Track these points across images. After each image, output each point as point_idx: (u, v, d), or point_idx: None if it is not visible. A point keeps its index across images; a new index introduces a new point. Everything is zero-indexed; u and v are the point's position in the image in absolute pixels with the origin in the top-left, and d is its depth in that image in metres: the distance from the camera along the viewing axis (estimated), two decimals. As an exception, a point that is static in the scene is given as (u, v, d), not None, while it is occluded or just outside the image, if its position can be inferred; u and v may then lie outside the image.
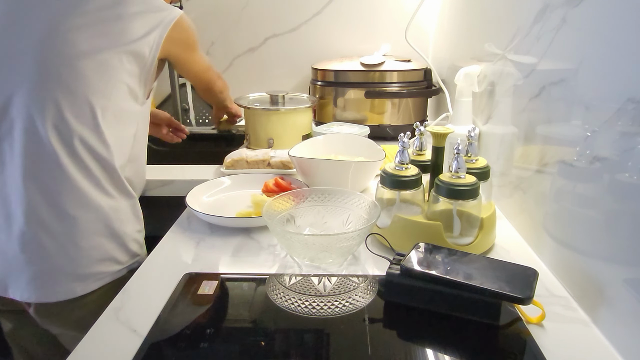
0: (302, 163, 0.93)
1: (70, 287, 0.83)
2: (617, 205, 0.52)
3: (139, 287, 0.65)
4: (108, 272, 0.86)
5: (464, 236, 0.69)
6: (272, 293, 0.62)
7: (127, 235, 0.89)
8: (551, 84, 0.67)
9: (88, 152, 0.82)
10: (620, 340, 0.51)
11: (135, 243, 0.91)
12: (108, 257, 0.86)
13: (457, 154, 0.67)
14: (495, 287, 0.53)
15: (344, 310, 0.57)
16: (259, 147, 1.20)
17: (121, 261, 0.88)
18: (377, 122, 1.35)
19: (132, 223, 0.91)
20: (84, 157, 0.81)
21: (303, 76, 1.66)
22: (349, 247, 0.68)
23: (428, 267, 0.58)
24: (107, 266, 0.86)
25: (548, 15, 0.68)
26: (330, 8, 1.58)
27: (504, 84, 0.86)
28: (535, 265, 0.62)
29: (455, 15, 1.30)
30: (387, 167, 0.73)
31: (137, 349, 0.51)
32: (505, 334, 0.54)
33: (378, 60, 1.33)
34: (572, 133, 0.61)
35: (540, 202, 0.70)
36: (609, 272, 0.53)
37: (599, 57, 0.56)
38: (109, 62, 0.81)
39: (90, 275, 0.84)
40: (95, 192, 0.83)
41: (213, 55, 1.66)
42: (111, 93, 0.83)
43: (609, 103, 0.53)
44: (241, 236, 0.79)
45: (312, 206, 0.78)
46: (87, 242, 0.83)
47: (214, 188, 0.96)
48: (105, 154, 0.84)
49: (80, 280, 0.83)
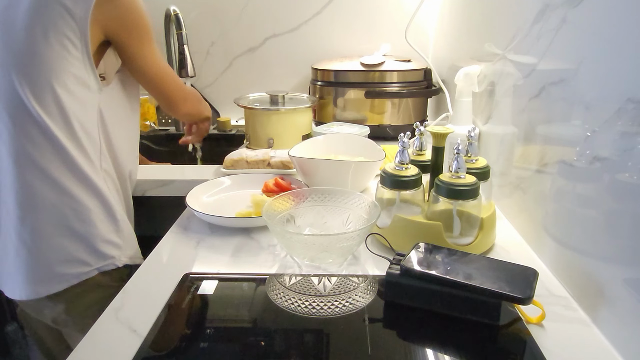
0: (302, 163, 0.93)
1: (33, 288, 0.82)
2: (617, 205, 0.52)
3: (139, 287, 0.65)
4: (72, 274, 0.84)
5: (464, 236, 0.69)
6: (272, 293, 0.62)
7: (93, 236, 0.85)
8: (551, 84, 0.67)
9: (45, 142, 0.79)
10: (620, 340, 0.51)
11: (108, 244, 0.87)
12: (71, 259, 0.84)
13: (457, 154, 0.67)
14: (495, 287, 0.53)
15: (344, 310, 0.57)
16: (259, 147, 1.20)
17: (88, 263, 0.85)
18: (377, 122, 1.35)
19: (103, 223, 0.87)
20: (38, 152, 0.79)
21: (303, 76, 1.66)
22: (349, 247, 0.68)
23: (428, 267, 0.58)
24: (70, 268, 0.84)
25: (548, 15, 0.68)
26: (330, 8, 1.58)
27: (504, 84, 0.86)
28: (535, 265, 0.62)
29: (455, 15, 1.30)
30: (387, 167, 0.73)
31: (137, 349, 0.51)
32: (505, 334, 0.54)
33: (378, 60, 1.33)
34: (572, 133, 0.61)
35: (540, 202, 0.70)
36: (609, 272, 0.53)
37: (599, 57, 0.56)
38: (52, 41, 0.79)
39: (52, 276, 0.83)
40: (49, 190, 0.81)
41: (213, 55, 1.66)
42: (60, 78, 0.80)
43: (609, 103, 0.53)
44: (241, 236, 0.79)
45: (312, 206, 0.78)
46: (44, 243, 0.82)
47: (214, 188, 0.96)
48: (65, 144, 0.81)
49: (41, 281, 0.83)
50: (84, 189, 0.84)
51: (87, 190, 0.85)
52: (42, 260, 0.82)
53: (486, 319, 0.55)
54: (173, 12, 1.41)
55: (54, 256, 0.83)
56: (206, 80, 1.69)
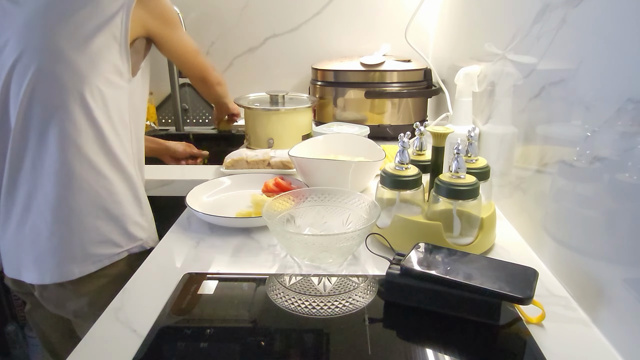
0: (302, 163, 0.93)
1: (69, 269, 0.84)
2: (617, 205, 0.52)
3: (139, 287, 0.65)
4: (105, 255, 0.86)
5: (464, 236, 0.69)
6: (272, 293, 0.62)
7: (125, 217, 0.89)
8: (551, 84, 0.67)
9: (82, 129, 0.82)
10: (620, 340, 0.51)
11: (136, 226, 0.91)
12: (104, 240, 0.86)
13: (457, 154, 0.67)
14: (495, 287, 0.53)
15: (344, 310, 0.57)
16: (259, 147, 1.20)
17: (119, 244, 0.88)
18: (377, 122, 1.35)
19: (132, 206, 0.90)
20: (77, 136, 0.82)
21: (303, 76, 1.66)
22: (349, 247, 0.68)
23: (428, 267, 0.58)
24: (104, 248, 0.86)
25: (548, 15, 0.68)
26: (330, 8, 1.58)
27: (504, 84, 0.86)
28: (535, 265, 0.62)
29: (455, 15, 1.30)
30: (387, 167, 0.73)
31: (137, 349, 0.51)
32: (505, 334, 0.54)
33: (378, 60, 1.33)
34: (572, 133, 0.61)
35: (540, 202, 0.70)
36: (608, 272, 0.53)
37: (599, 57, 0.56)
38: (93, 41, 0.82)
39: (86, 257, 0.85)
40: (87, 172, 0.83)
41: (213, 55, 1.66)
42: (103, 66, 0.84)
43: (609, 103, 0.53)
44: (241, 236, 0.79)
45: (312, 206, 0.78)
46: (79, 223, 0.84)
47: (214, 188, 0.96)
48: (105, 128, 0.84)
49: (76, 262, 0.84)
50: (117, 172, 0.87)
51: (120, 174, 0.88)
52: (77, 241, 0.84)
53: (486, 319, 0.55)
54: (173, 12, 1.41)
55: (89, 236, 0.85)
56: (206, 80, 1.69)
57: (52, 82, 0.80)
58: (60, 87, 0.80)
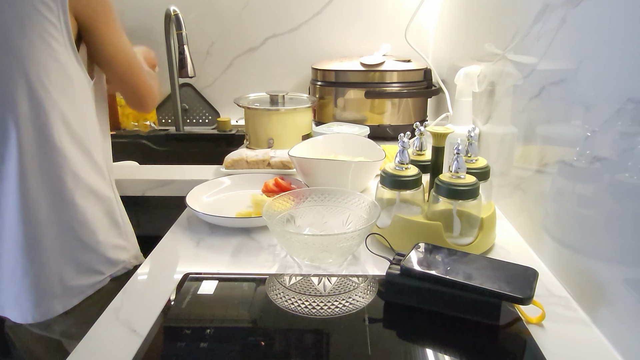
0: (302, 163, 0.93)
1: (48, 307, 0.79)
2: (617, 205, 0.52)
3: (139, 287, 0.65)
4: (87, 285, 0.82)
5: (464, 236, 0.69)
6: (272, 293, 0.62)
7: (103, 244, 0.84)
8: (551, 84, 0.67)
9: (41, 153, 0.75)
10: (620, 340, 0.51)
11: (116, 249, 0.86)
12: (84, 270, 0.82)
13: (457, 154, 0.67)
14: (495, 287, 0.53)
15: (344, 310, 0.57)
16: (259, 147, 1.21)
17: (101, 271, 0.84)
18: (377, 122, 1.35)
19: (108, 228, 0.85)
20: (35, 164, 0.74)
21: (303, 76, 1.66)
22: (349, 247, 0.68)
23: (428, 267, 0.58)
24: (85, 279, 0.82)
25: (548, 15, 0.68)
26: (330, 8, 1.58)
27: (504, 84, 0.86)
28: (535, 265, 0.62)
29: (455, 15, 1.30)
30: (387, 167, 0.73)
31: (137, 349, 0.51)
32: (505, 334, 0.54)
33: (378, 60, 1.33)
34: (572, 133, 0.61)
35: (540, 202, 0.70)
36: (609, 272, 0.53)
37: (599, 57, 0.56)
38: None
39: (67, 291, 0.80)
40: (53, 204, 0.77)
41: (213, 55, 1.66)
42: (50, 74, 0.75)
43: (609, 103, 0.53)
44: (241, 236, 0.79)
45: (312, 206, 0.78)
46: (54, 259, 0.79)
47: (214, 188, 0.96)
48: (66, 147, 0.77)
49: (56, 298, 0.80)
50: (88, 198, 0.82)
51: (91, 199, 0.82)
52: (55, 277, 0.79)
53: (486, 319, 0.55)
54: (173, 12, 1.41)
55: (66, 270, 0.80)
56: (206, 80, 1.69)
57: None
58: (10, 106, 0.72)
